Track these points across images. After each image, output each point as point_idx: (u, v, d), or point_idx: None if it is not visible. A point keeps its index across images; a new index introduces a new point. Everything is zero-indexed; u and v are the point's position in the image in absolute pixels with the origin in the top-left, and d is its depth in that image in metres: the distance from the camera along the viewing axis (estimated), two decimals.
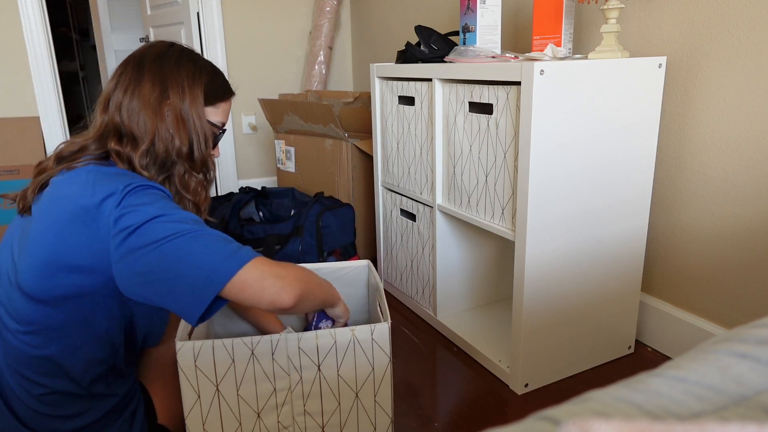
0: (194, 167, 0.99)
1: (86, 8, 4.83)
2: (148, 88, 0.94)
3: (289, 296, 0.85)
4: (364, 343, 1.02)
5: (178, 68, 0.97)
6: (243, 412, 1.02)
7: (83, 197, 0.84)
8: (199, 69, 1.00)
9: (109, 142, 0.94)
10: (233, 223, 1.96)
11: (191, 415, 1.01)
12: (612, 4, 1.32)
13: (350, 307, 1.37)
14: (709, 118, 1.37)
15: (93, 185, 0.85)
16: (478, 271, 1.76)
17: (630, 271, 1.46)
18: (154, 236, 0.81)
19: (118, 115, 0.94)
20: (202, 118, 0.98)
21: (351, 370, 1.03)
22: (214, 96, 1.01)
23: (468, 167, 1.46)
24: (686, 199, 1.45)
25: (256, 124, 3.15)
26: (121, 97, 0.94)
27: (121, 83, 0.95)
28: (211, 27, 2.91)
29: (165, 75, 0.95)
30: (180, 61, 0.98)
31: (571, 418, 0.36)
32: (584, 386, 1.41)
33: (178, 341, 0.97)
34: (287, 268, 0.88)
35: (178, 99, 0.95)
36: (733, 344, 0.44)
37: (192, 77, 0.98)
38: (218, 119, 1.03)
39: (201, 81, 0.99)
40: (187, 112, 0.96)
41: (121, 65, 0.98)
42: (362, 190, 2.18)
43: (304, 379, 1.02)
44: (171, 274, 0.81)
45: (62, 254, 0.85)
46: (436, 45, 1.65)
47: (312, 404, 1.04)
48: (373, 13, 2.95)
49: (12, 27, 2.57)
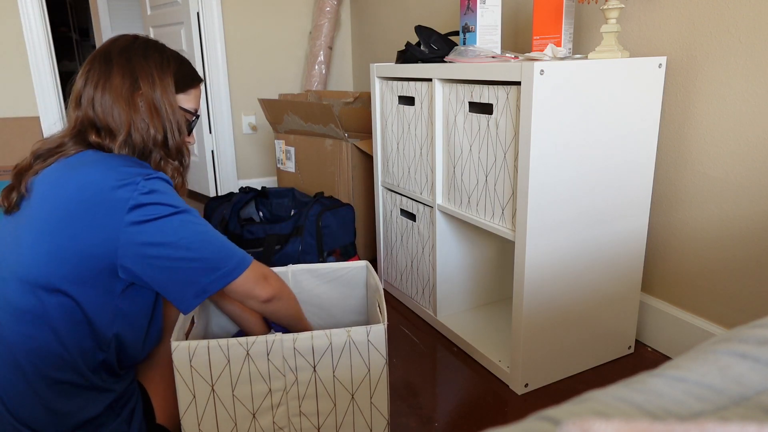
0: (170, 154, 1.02)
1: (86, 8, 4.83)
2: (118, 81, 0.97)
3: (267, 292, 1.01)
4: (359, 345, 1.02)
5: (146, 59, 1.00)
6: (238, 413, 1.02)
7: (95, 180, 0.89)
8: (167, 58, 1.03)
9: (89, 135, 0.97)
10: (233, 223, 1.96)
11: (187, 415, 1.01)
12: (612, 4, 1.32)
13: (349, 308, 1.37)
14: (709, 118, 1.37)
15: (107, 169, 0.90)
16: (478, 271, 1.76)
17: (630, 271, 1.46)
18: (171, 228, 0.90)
19: (92, 110, 0.97)
20: (174, 106, 1.02)
21: (347, 372, 1.03)
22: (184, 83, 1.05)
23: (468, 167, 1.46)
24: (686, 199, 1.45)
25: (256, 124, 3.15)
26: (92, 93, 0.97)
27: (90, 79, 0.98)
28: (211, 27, 2.91)
29: (134, 66, 0.98)
30: (147, 52, 1.01)
31: (571, 418, 0.36)
32: (584, 386, 1.41)
33: (173, 341, 0.97)
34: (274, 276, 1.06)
35: (150, 88, 0.98)
36: (733, 344, 0.44)
37: (160, 67, 1.01)
38: (191, 105, 1.07)
39: (170, 69, 1.02)
40: (159, 101, 0.99)
41: (87, 61, 1.01)
42: (362, 190, 2.18)
43: (300, 380, 1.02)
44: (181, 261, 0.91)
45: (72, 241, 0.88)
46: (436, 45, 1.65)
47: (308, 405, 1.04)
48: (373, 13, 2.95)
49: (12, 27, 2.57)
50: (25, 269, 0.90)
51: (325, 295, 1.36)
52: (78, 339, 0.93)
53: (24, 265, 0.90)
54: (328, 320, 1.38)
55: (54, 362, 0.92)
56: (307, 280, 1.35)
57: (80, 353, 0.93)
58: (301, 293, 1.35)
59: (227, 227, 1.96)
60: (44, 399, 0.92)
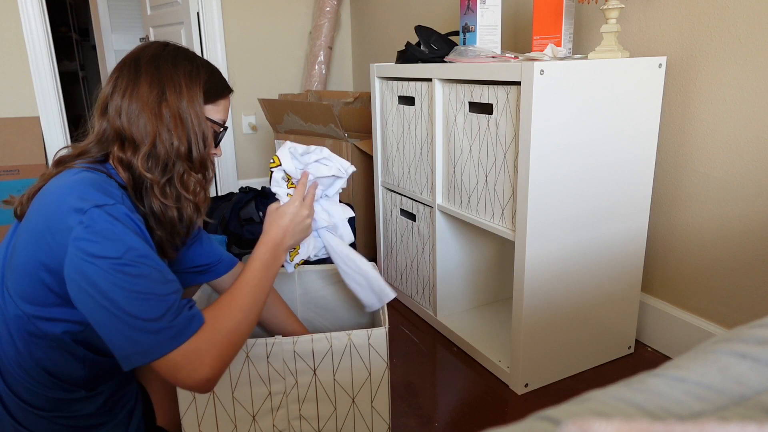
0: (193, 167, 0.98)
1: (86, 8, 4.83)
2: (145, 90, 0.93)
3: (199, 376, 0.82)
4: (360, 348, 1.01)
5: (175, 68, 0.96)
6: (238, 415, 1.02)
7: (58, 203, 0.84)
8: (196, 67, 0.99)
9: (112, 147, 0.93)
10: (233, 223, 1.96)
11: (187, 416, 1.01)
12: (612, 4, 1.32)
13: (355, 309, 1.36)
14: (709, 118, 1.37)
15: (67, 193, 0.84)
16: (478, 271, 1.76)
17: (630, 271, 1.46)
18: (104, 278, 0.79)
19: (118, 119, 0.93)
20: (200, 117, 0.97)
21: (347, 375, 1.02)
22: (213, 93, 1.00)
23: (468, 167, 1.46)
24: (686, 199, 1.45)
25: (256, 124, 3.15)
26: (120, 101, 0.93)
27: (118, 87, 0.94)
28: (211, 27, 2.91)
29: (162, 75, 0.94)
30: (177, 60, 0.97)
31: (571, 418, 0.36)
32: (584, 386, 1.41)
33: None
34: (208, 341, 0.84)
35: (176, 98, 0.94)
36: (733, 344, 0.44)
37: (189, 76, 0.97)
38: (219, 117, 1.02)
39: (199, 79, 0.98)
40: (185, 111, 0.95)
41: (116, 68, 0.97)
42: (362, 190, 2.18)
43: (300, 383, 1.01)
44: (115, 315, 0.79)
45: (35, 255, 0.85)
46: (436, 45, 1.65)
47: (308, 408, 1.03)
48: (373, 13, 2.95)
49: (12, 27, 2.57)
50: (8, 281, 0.89)
51: (331, 296, 1.36)
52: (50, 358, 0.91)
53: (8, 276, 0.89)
54: (334, 321, 1.38)
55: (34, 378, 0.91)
56: (314, 281, 1.35)
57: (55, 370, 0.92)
58: (307, 294, 1.35)
59: (227, 227, 1.96)
60: (35, 409, 0.92)
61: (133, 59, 0.96)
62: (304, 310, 1.36)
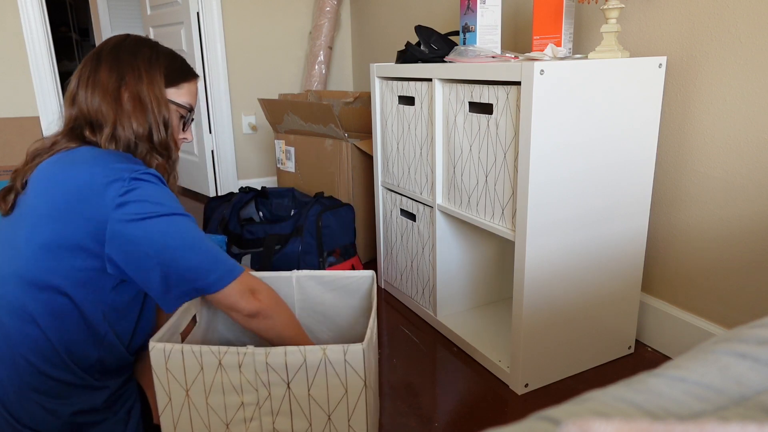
0: (155, 149, 1.02)
1: (86, 8, 4.83)
2: (105, 76, 0.98)
3: (252, 306, 0.99)
4: (336, 364, 0.95)
5: (134, 54, 1.00)
6: (212, 422, 1.00)
7: (86, 176, 0.89)
8: (156, 53, 1.03)
9: (84, 131, 0.99)
10: (233, 223, 1.96)
11: (164, 415, 1.00)
12: (612, 4, 1.32)
13: (353, 317, 1.35)
14: (709, 118, 1.37)
15: (96, 165, 0.90)
16: (478, 271, 1.76)
17: (630, 271, 1.46)
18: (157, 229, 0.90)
19: (84, 107, 0.98)
20: (161, 100, 1.01)
21: (323, 391, 0.97)
22: (175, 77, 1.04)
23: (468, 167, 1.46)
24: (686, 200, 1.45)
25: (256, 124, 3.15)
26: (83, 91, 0.99)
27: (81, 78, 1.00)
28: (211, 27, 2.91)
29: (121, 61, 0.99)
30: (137, 48, 1.02)
31: (571, 418, 0.36)
32: (584, 386, 1.41)
33: (151, 341, 0.95)
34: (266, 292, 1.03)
35: (135, 82, 0.99)
36: (733, 344, 0.44)
37: (149, 61, 1.01)
38: (184, 100, 1.06)
39: (159, 63, 1.02)
40: (144, 95, 0.99)
41: (81, 63, 1.03)
42: (362, 190, 2.18)
43: (273, 396, 0.97)
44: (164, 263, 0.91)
45: (64, 234, 0.88)
46: (436, 45, 1.65)
47: (282, 422, 0.99)
48: (373, 13, 2.95)
49: (12, 27, 2.57)
50: (20, 265, 0.90)
51: (329, 303, 1.33)
52: (71, 336, 0.93)
53: (19, 261, 0.91)
54: (332, 328, 1.36)
55: (48, 360, 0.92)
56: (312, 287, 1.32)
57: (73, 350, 0.94)
58: (305, 300, 1.33)
59: (227, 227, 1.96)
60: (40, 396, 0.93)
61: (96, 52, 1.02)
62: (302, 316, 1.35)
